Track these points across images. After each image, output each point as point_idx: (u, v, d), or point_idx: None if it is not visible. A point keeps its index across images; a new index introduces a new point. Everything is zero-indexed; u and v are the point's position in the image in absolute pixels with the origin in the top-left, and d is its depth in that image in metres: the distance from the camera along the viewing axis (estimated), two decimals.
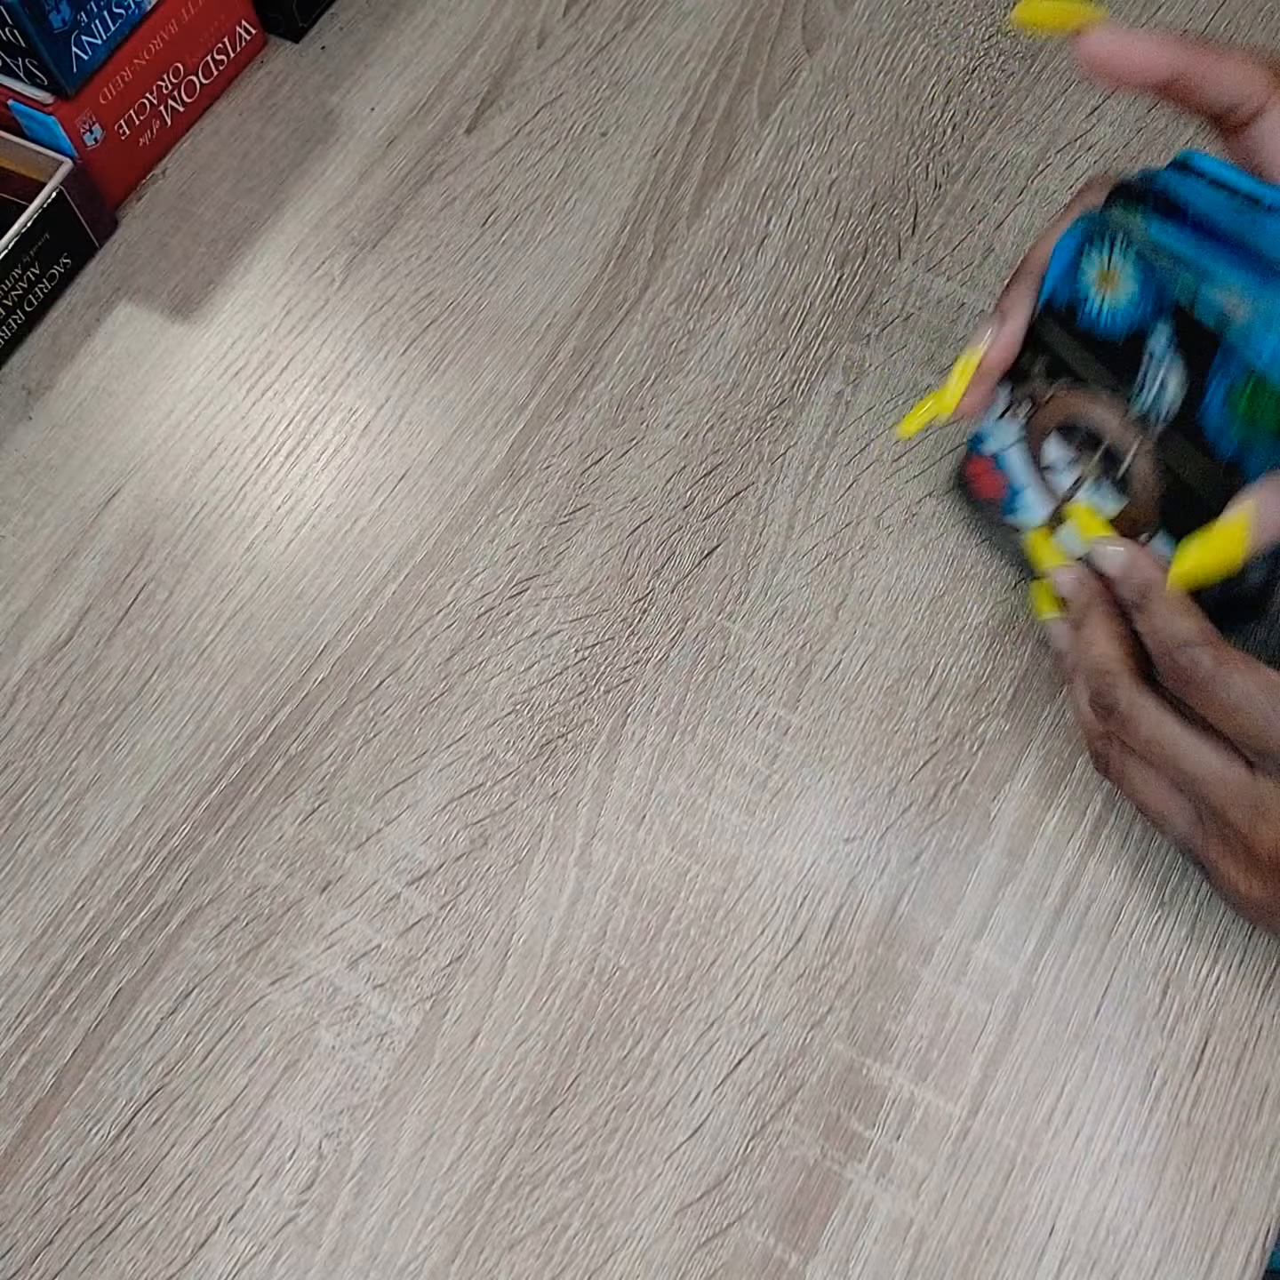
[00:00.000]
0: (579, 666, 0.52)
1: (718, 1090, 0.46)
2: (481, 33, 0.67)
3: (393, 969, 0.48)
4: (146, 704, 0.53)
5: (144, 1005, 0.48)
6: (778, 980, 0.47)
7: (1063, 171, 0.61)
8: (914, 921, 0.48)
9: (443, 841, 0.50)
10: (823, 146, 0.63)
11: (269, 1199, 0.45)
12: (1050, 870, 0.48)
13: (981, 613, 0.52)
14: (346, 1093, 0.46)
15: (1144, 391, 0.43)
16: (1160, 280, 0.41)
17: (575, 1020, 0.47)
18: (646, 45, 0.66)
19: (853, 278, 0.60)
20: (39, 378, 0.60)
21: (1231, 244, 0.40)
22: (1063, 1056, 0.46)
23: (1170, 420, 0.42)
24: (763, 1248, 0.44)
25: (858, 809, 0.50)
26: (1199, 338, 0.40)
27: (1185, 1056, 0.46)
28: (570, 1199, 0.45)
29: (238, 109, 0.67)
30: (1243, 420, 0.40)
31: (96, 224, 0.62)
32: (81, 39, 0.58)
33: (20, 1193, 0.45)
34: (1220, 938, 0.47)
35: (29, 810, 0.51)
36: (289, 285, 0.62)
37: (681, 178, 0.63)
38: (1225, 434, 0.41)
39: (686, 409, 0.57)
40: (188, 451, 0.58)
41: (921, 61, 0.65)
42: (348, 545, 0.56)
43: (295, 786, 0.51)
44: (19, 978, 0.48)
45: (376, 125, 0.65)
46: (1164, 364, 0.42)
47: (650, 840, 0.49)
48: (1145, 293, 0.42)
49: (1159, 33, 0.41)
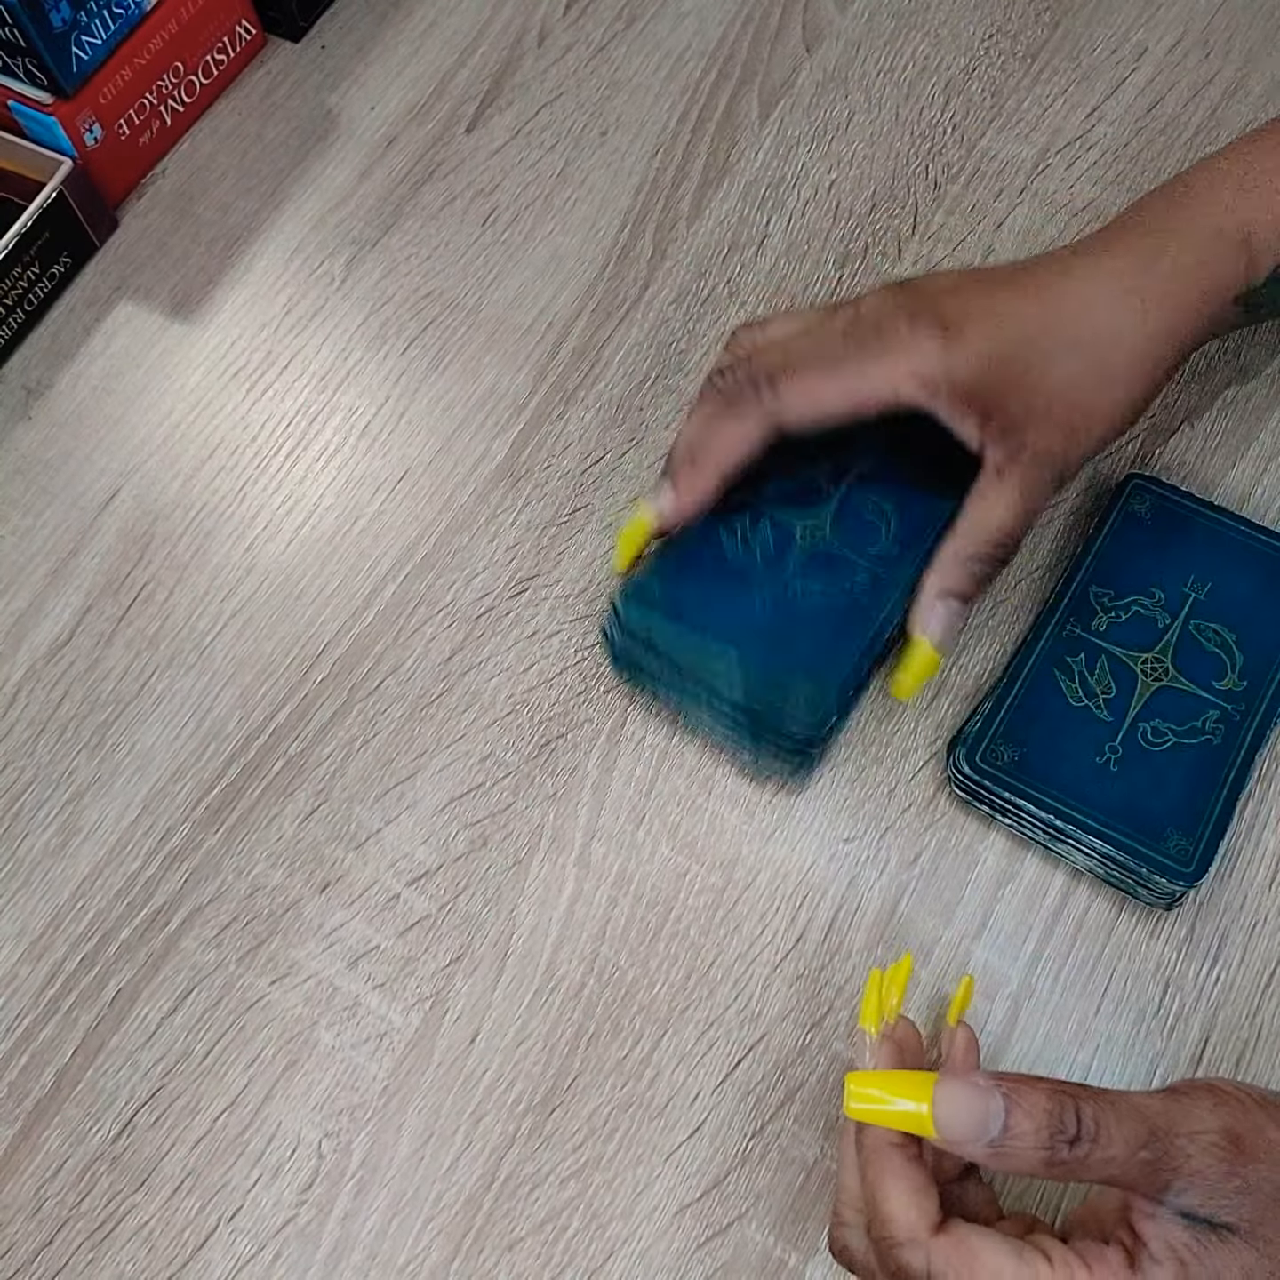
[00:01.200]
0: (579, 666, 0.52)
1: (717, 1090, 0.46)
2: (481, 33, 0.67)
3: (392, 969, 0.48)
4: (146, 704, 0.53)
5: (144, 1005, 0.48)
6: (777, 980, 0.47)
7: (1063, 171, 0.61)
8: (914, 921, 0.48)
9: (442, 842, 0.50)
10: (823, 146, 0.63)
11: (269, 1199, 0.45)
12: (1050, 870, 0.48)
13: (981, 613, 0.52)
14: (346, 1093, 0.46)
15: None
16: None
17: (575, 1020, 0.47)
18: (646, 45, 0.66)
19: (853, 278, 0.60)
20: (39, 377, 0.60)
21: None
22: (1062, 1056, 0.46)
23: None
24: (763, 1247, 0.44)
25: (857, 809, 0.50)
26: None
27: (1185, 1056, 0.46)
28: (570, 1199, 0.45)
29: (237, 109, 0.66)
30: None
31: (96, 224, 0.62)
32: (81, 39, 0.58)
33: (20, 1192, 0.45)
34: (1220, 938, 0.47)
35: (29, 810, 0.51)
36: (289, 285, 0.62)
37: (681, 178, 0.63)
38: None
39: (686, 409, 0.57)
40: (188, 451, 0.58)
41: (921, 61, 0.65)
42: (348, 545, 0.56)
43: (295, 786, 0.51)
44: (19, 978, 0.48)
45: (376, 125, 0.65)
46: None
47: (650, 840, 0.49)
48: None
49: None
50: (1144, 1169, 0.33)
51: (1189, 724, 0.47)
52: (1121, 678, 0.48)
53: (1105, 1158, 0.33)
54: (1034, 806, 0.46)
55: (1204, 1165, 0.33)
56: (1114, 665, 0.49)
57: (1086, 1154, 0.33)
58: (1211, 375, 0.56)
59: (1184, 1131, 0.33)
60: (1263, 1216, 0.33)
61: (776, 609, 0.48)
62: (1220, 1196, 0.33)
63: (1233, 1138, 0.33)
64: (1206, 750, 0.47)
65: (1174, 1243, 0.33)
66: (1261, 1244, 0.33)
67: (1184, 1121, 0.33)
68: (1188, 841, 0.45)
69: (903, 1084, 0.36)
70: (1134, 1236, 0.34)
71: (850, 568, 0.48)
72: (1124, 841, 0.45)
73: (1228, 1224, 0.33)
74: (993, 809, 0.48)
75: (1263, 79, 0.63)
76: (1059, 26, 0.65)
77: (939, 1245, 0.35)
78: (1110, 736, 0.47)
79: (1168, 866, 0.45)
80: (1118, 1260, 0.34)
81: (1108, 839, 0.46)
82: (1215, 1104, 0.34)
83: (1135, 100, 0.63)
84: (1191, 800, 0.46)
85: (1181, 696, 0.48)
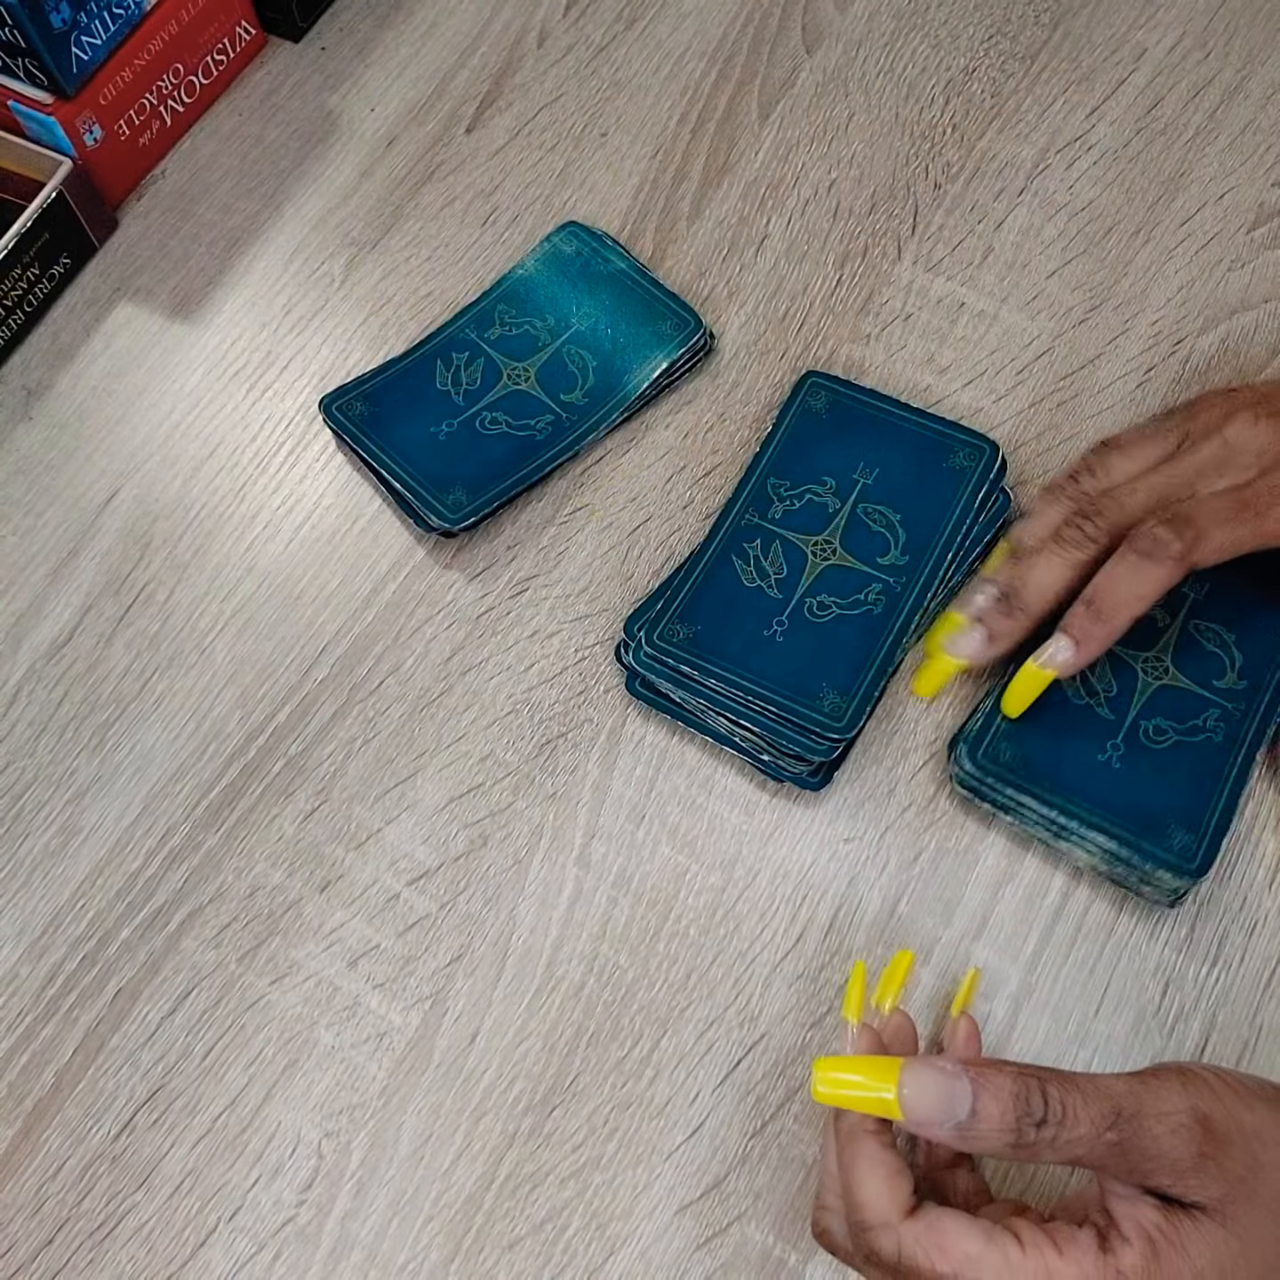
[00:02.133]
0: (579, 666, 0.52)
1: (717, 1090, 0.46)
2: (481, 33, 0.67)
3: (392, 969, 0.48)
4: (146, 704, 0.53)
5: (144, 1005, 0.48)
6: (777, 980, 0.47)
7: (1063, 171, 0.61)
8: (914, 921, 0.48)
9: (442, 841, 0.50)
10: (823, 146, 0.63)
11: (269, 1199, 0.45)
12: (1050, 870, 0.48)
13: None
14: (346, 1092, 0.46)
15: None
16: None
17: (575, 1020, 0.47)
18: (646, 45, 0.66)
19: (853, 278, 0.60)
20: (39, 378, 0.60)
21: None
22: (1063, 1056, 0.46)
23: None
24: (762, 1247, 0.44)
25: (857, 809, 0.50)
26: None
27: (1185, 1056, 0.45)
28: (569, 1199, 0.45)
29: (238, 109, 0.67)
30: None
31: (96, 224, 0.62)
32: (81, 39, 0.58)
33: (20, 1192, 0.45)
34: (1220, 938, 0.47)
35: (29, 810, 0.51)
36: (289, 285, 0.62)
37: (681, 178, 0.63)
38: None
39: (686, 409, 0.57)
40: (188, 451, 0.58)
41: (921, 62, 0.65)
42: (348, 545, 0.56)
43: (295, 787, 0.51)
44: (19, 977, 0.48)
45: (376, 125, 0.65)
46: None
47: (650, 840, 0.49)
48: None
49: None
50: (1111, 1150, 0.33)
51: (1190, 722, 0.48)
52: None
53: (1072, 1139, 0.33)
54: (1037, 803, 0.47)
55: (1172, 1146, 0.33)
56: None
57: (1053, 1136, 0.33)
58: (1211, 375, 0.56)
59: (1152, 1113, 0.34)
60: (1232, 1195, 0.33)
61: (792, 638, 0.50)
62: (1189, 1176, 0.33)
63: (1200, 1118, 0.34)
64: (1208, 747, 0.47)
65: (1144, 1222, 0.34)
66: (1230, 1222, 0.34)
67: (1152, 1103, 0.34)
68: (1191, 837, 0.45)
69: (870, 1068, 0.36)
70: (1107, 1217, 0.35)
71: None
72: (1128, 838, 0.46)
73: (1197, 1203, 0.34)
74: (995, 806, 0.48)
75: (1263, 80, 0.63)
76: (1059, 27, 0.65)
77: (909, 1228, 0.35)
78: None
79: (1172, 862, 0.45)
80: (1088, 1241, 0.34)
81: (1112, 835, 0.46)
82: (1183, 1085, 0.34)
83: (1135, 101, 0.63)
84: (1194, 796, 0.46)
85: (1183, 695, 0.48)
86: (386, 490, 0.56)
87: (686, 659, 0.49)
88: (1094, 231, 0.60)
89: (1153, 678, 0.48)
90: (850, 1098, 0.36)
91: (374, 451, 0.55)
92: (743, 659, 0.49)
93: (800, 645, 0.50)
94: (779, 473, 0.54)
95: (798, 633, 0.50)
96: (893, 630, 0.50)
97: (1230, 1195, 0.33)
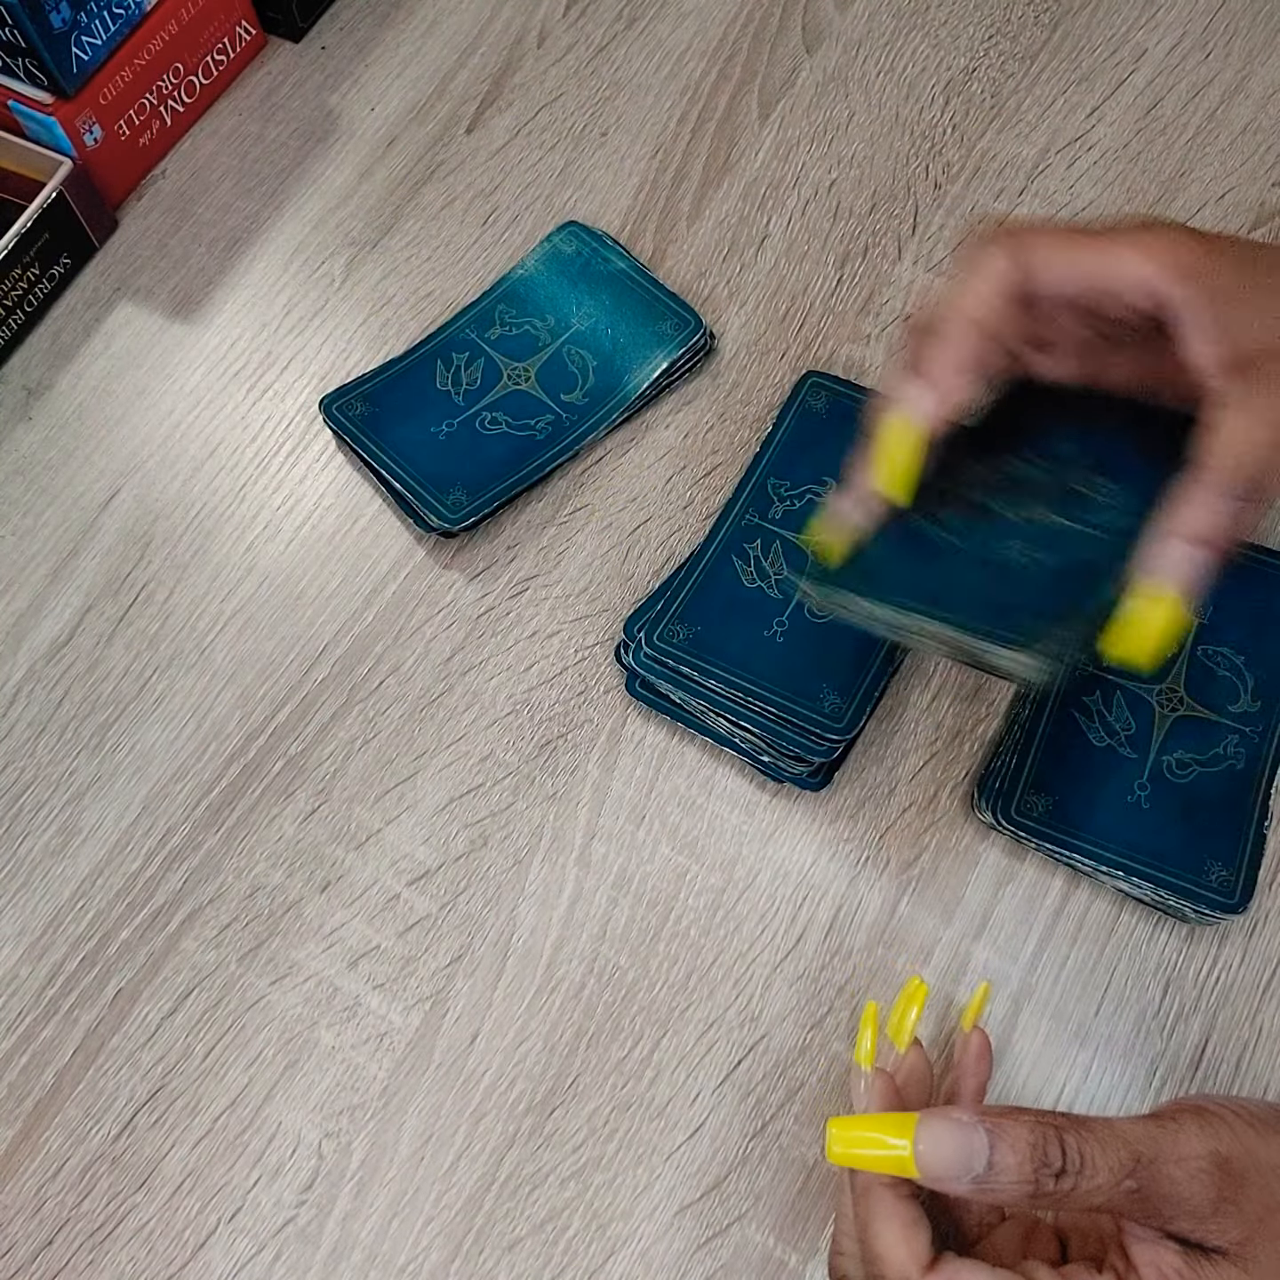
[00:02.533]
0: (579, 666, 0.52)
1: (717, 1090, 0.46)
2: (481, 33, 0.67)
3: (393, 969, 0.48)
4: (146, 704, 0.53)
5: (144, 1005, 0.48)
6: (777, 981, 0.47)
7: (1063, 171, 0.61)
8: (914, 921, 0.48)
9: (443, 841, 0.50)
10: (823, 146, 0.63)
11: (269, 1199, 0.45)
12: (1050, 870, 0.48)
13: None
14: (346, 1093, 0.46)
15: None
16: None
17: (575, 1020, 0.47)
18: (646, 45, 0.66)
19: (853, 278, 0.60)
20: (39, 378, 0.60)
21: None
22: (1063, 1056, 0.46)
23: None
24: (762, 1248, 0.44)
25: (857, 808, 0.50)
26: None
27: (1185, 1056, 0.46)
28: (570, 1199, 0.45)
29: (238, 109, 0.66)
30: None
31: (96, 224, 0.62)
32: (81, 39, 0.58)
33: (20, 1192, 0.45)
34: (1220, 938, 0.47)
35: (29, 810, 0.51)
36: (289, 285, 0.62)
37: (681, 178, 0.63)
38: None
39: (686, 409, 0.57)
40: (188, 451, 0.58)
41: (921, 61, 0.65)
42: (348, 545, 0.56)
43: (295, 787, 0.51)
44: (19, 978, 0.48)
45: (376, 125, 0.65)
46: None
47: (650, 840, 0.49)
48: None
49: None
50: (1131, 1197, 0.33)
51: (1211, 751, 0.48)
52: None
53: (1091, 1188, 0.33)
54: (1080, 856, 0.47)
55: (1192, 1192, 0.33)
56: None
57: (1072, 1186, 0.33)
58: None
59: (1171, 1158, 0.33)
60: (1250, 1236, 0.33)
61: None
62: (1209, 1221, 0.33)
63: (1220, 1162, 0.33)
64: (1231, 776, 0.47)
65: (1165, 1268, 0.33)
66: (1251, 1265, 0.33)
67: (1171, 1148, 0.33)
68: (1228, 872, 0.46)
69: (885, 1126, 0.35)
70: (1126, 1261, 0.34)
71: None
72: (1167, 880, 0.46)
73: (1218, 1248, 0.33)
74: (1039, 851, 0.48)
75: (1263, 80, 0.63)
76: (1059, 27, 0.65)
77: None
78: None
79: (1214, 900, 0.46)
80: None
81: (1150, 878, 0.46)
82: (1202, 1127, 0.34)
83: (1135, 101, 0.63)
84: (1224, 830, 0.47)
85: (1200, 724, 0.48)
86: (386, 490, 0.56)
87: (686, 660, 0.49)
88: None
89: (1169, 710, 0.49)
90: (866, 1157, 0.35)
91: (374, 451, 0.55)
92: (743, 660, 0.49)
93: (800, 646, 0.50)
94: (779, 473, 0.54)
95: (798, 633, 0.50)
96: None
97: (1250, 1237, 0.33)
